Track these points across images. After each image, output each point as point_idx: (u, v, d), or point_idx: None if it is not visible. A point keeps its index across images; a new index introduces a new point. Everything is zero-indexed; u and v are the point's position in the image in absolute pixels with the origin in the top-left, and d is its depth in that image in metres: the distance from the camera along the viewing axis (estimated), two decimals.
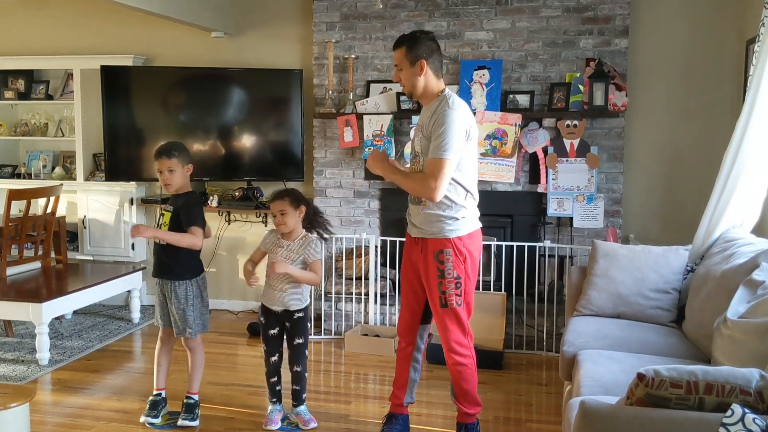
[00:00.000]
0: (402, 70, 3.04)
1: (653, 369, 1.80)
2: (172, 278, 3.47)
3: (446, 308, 3.04)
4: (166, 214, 3.50)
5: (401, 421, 3.36)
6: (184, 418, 3.50)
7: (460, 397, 3.18)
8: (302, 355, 3.50)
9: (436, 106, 2.98)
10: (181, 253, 3.44)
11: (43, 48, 6.02)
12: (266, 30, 5.64)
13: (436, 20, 5.09)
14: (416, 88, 3.04)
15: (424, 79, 3.02)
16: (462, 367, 3.11)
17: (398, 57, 3.04)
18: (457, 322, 3.07)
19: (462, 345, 3.09)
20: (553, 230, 5.01)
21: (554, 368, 4.35)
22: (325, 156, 5.34)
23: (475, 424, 3.25)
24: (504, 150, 4.87)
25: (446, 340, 3.09)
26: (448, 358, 3.12)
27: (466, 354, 3.11)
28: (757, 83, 3.43)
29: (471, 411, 3.20)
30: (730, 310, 2.65)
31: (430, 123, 2.95)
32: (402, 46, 3.03)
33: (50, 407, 3.76)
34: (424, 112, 3.07)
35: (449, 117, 2.89)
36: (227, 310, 5.77)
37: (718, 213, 3.66)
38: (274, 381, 3.55)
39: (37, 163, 6.10)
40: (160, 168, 3.44)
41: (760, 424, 1.66)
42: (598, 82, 4.71)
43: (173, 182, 3.45)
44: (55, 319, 5.04)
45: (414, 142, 3.15)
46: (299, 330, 3.49)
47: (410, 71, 3.01)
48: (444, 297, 3.03)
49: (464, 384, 3.14)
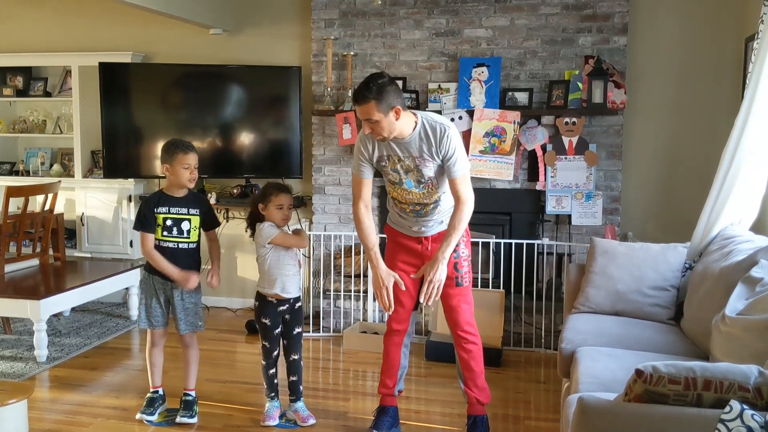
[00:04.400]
0: (377, 121, 2.93)
1: (651, 365, 1.79)
2: None
3: (460, 287, 3.17)
4: (194, 218, 3.43)
5: (391, 414, 3.38)
6: (183, 415, 3.50)
7: (469, 381, 3.24)
8: (300, 343, 3.56)
9: (433, 136, 3.01)
10: (198, 256, 3.49)
11: (41, 45, 6.02)
12: (265, 27, 5.64)
13: (434, 17, 5.08)
14: (394, 132, 2.99)
15: (401, 120, 2.98)
16: (474, 346, 3.23)
17: (367, 111, 2.92)
18: (469, 302, 3.22)
19: (472, 326, 3.23)
20: (551, 228, 5.01)
21: (552, 365, 4.35)
22: (324, 153, 5.34)
23: (485, 417, 3.27)
24: (503, 147, 4.86)
25: (458, 322, 3.20)
26: (460, 339, 3.21)
27: (476, 334, 3.25)
28: (756, 80, 3.43)
29: (482, 399, 3.26)
30: (729, 307, 2.65)
31: (440, 150, 3.01)
32: (369, 101, 2.90)
33: (48, 404, 3.75)
34: (414, 143, 3.04)
35: (455, 139, 3.02)
36: (225, 307, 5.77)
37: (717, 210, 3.66)
38: (273, 373, 3.54)
39: (36, 160, 6.10)
40: (189, 162, 3.36)
41: (759, 420, 1.66)
42: (596, 79, 4.70)
43: (197, 177, 3.44)
44: (53, 316, 5.03)
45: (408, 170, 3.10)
46: (299, 319, 3.55)
47: (387, 120, 2.93)
48: (459, 276, 3.18)
49: (474, 365, 3.22)
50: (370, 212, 3.23)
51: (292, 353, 3.53)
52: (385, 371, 3.38)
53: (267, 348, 3.52)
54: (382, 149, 3.11)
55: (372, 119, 2.93)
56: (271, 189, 3.42)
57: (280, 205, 3.38)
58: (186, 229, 3.43)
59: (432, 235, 3.23)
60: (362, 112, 2.94)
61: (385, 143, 3.08)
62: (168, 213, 3.41)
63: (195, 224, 3.45)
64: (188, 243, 3.45)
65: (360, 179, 3.19)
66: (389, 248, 3.36)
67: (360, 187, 3.19)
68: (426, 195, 3.14)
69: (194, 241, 3.47)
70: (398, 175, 3.13)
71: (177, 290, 3.45)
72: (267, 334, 3.50)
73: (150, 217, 3.39)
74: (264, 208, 3.40)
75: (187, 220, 3.43)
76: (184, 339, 3.53)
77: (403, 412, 3.59)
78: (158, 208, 3.41)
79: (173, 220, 3.41)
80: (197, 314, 3.50)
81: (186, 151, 3.37)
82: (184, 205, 3.43)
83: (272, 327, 3.48)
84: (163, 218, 3.40)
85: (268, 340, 3.51)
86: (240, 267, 5.81)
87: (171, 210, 3.42)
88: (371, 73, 3.00)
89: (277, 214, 3.39)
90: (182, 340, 3.53)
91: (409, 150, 3.06)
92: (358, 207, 3.19)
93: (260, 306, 3.51)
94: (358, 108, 2.95)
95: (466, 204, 3.04)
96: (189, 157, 3.37)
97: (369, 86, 2.90)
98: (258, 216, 3.43)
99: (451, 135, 3.00)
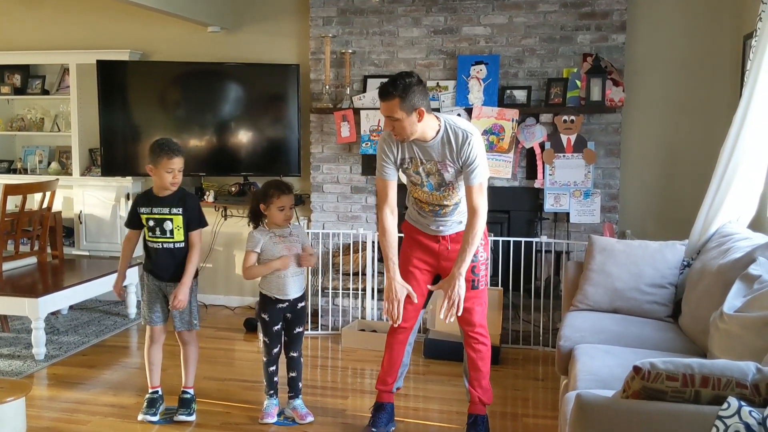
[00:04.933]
0: (398, 120, 2.89)
1: (649, 362, 1.79)
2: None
3: (476, 290, 3.17)
4: (177, 218, 3.38)
5: (388, 410, 3.38)
6: (181, 413, 3.49)
7: (474, 380, 3.25)
8: (300, 342, 3.57)
9: (455, 141, 2.98)
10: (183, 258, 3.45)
11: (39, 43, 6.01)
12: (263, 25, 5.63)
13: (433, 15, 5.08)
14: (415, 133, 2.96)
15: (423, 123, 2.95)
16: (483, 346, 3.24)
17: (390, 108, 2.88)
18: (483, 304, 3.23)
19: (484, 327, 3.25)
20: (549, 226, 5.01)
21: (550, 363, 4.36)
22: (322, 151, 5.33)
23: (485, 417, 3.28)
24: (501, 145, 4.86)
25: (471, 323, 3.19)
26: (470, 339, 3.22)
27: (487, 335, 3.27)
28: (754, 78, 3.43)
29: (485, 399, 3.27)
30: (727, 304, 2.65)
31: (461, 156, 2.98)
32: (393, 98, 2.86)
33: (46, 402, 3.75)
34: (436, 148, 3.01)
35: (477, 146, 2.98)
36: (224, 305, 5.77)
37: (715, 208, 3.66)
38: (273, 370, 3.55)
39: (33, 158, 6.09)
40: (173, 167, 3.32)
41: (757, 416, 1.66)
42: (595, 77, 4.70)
43: (180, 181, 3.39)
44: (51, 314, 5.03)
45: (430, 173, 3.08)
46: (301, 319, 3.57)
47: (408, 120, 2.89)
48: (476, 279, 3.18)
49: (482, 365, 3.24)
50: (395, 219, 3.15)
51: (292, 351, 3.55)
52: (386, 368, 3.35)
53: (267, 344, 3.52)
54: (405, 151, 3.08)
55: (394, 116, 2.89)
56: (272, 190, 3.38)
57: (281, 206, 3.38)
58: (168, 229, 3.40)
59: (450, 235, 3.21)
60: (385, 108, 2.91)
61: (408, 145, 3.05)
62: (150, 213, 3.40)
63: (178, 224, 3.39)
64: (173, 243, 3.41)
65: (385, 181, 3.12)
66: (406, 244, 3.32)
67: (385, 190, 3.12)
68: (446, 197, 3.12)
69: (179, 241, 3.43)
70: (420, 177, 3.11)
71: (170, 287, 3.46)
72: (267, 330, 3.51)
73: (133, 215, 3.45)
74: (266, 208, 3.39)
75: (169, 219, 3.40)
76: (182, 336, 3.53)
77: (401, 409, 3.59)
78: (141, 208, 3.42)
79: (155, 221, 3.40)
80: (192, 313, 3.49)
81: (171, 155, 3.31)
82: (166, 204, 3.40)
83: (271, 323, 3.49)
84: (146, 218, 3.40)
85: (268, 336, 3.51)
86: (238, 265, 5.81)
87: (153, 210, 3.40)
88: (401, 71, 2.95)
89: (278, 215, 3.39)
90: (180, 337, 3.53)
91: (431, 154, 3.03)
92: (384, 212, 3.13)
93: (261, 302, 3.53)
94: (382, 104, 2.91)
95: (481, 216, 3.00)
96: (173, 162, 3.33)
97: (396, 83, 2.87)
98: (259, 213, 3.43)
99: (473, 142, 2.96)
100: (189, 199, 3.47)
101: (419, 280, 3.23)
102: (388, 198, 3.12)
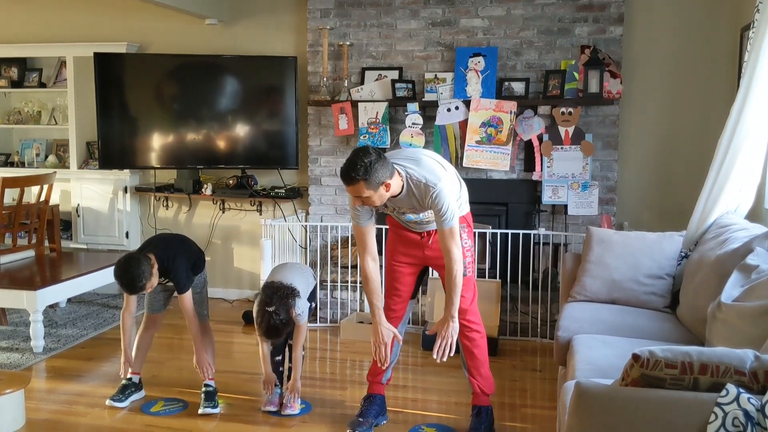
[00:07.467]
0: (368, 197, 2.85)
1: (648, 350, 1.80)
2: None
3: (464, 276, 3.14)
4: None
5: (379, 402, 3.39)
6: (206, 406, 3.51)
7: (473, 369, 3.26)
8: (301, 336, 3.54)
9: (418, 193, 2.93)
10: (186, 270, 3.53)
11: (36, 36, 5.99)
12: (260, 17, 5.62)
13: (431, 7, 5.07)
14: (385, 199, 2.93)
15: (392, 188, 2.91)
16: (476, 334, 3.24)
17: (356, 190, 2.83)
18: (472, 290, 3.23)
19: (475, 314, 3.25)
20: (547, 218, 5.02)
21: (548, 354, 4.37)
22: (320, 144, 5.33)
23: (489, 408, 3.29)
24: (499, 138, 4.87)
25: (461, 310, 3.15)
26: (462, 327, 3.17)
27: (479, 323, 3.26)
28: (751, 70, 3.43)
29: (486, 388, 3.27)
30: (724, 294, 2.66)
31: (428, 205, 2.95)
32: (358, 182, 2.80)
33: (45, 394, 3.75)
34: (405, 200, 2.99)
35: (442, 195, 2.91)
36: (222, 298, 5.76)
37: (713, 199, 3.67)
38: (279, 360, 3.57)
39: (30, 151, 6.08)
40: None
41: (755, 403, 1.67)
42: (593, 69, 4.70)
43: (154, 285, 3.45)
44: (49, 307, 5.02)
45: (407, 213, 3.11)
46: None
47: (377, 194, 2.86)
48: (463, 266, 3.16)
49: (478, 353, 3.24)
50: (377, 265, 3.14)
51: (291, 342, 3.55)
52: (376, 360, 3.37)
53: None
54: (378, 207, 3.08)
55: (362, 196, 2.86)
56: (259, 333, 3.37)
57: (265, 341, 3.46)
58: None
59: (433, 230, 3.21)
60: (351, 190, 2.86)
61: None
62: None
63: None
64: None
65: (361, 228, 3.08)
66: (390, 238, 3.36)
67: (363, 237, 3.10)
68: (426, 220, 3.14)
69: None
70: (398, 215, 3.16)
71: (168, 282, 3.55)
72: None
73: None
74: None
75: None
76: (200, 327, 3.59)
77: (399, 400, 3.61)
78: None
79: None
80: (201, 303, 3.58)
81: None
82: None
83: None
84: None
85: None
86: (236, 258, 5.81)
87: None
88: (355, 150, 2.86)
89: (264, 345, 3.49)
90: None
91: (403, 203, 3.03)
92: (365, 261, 3.11)
93: None
94: (347, 187, 2.86)
95: (457, 262, 2.98)
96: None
97: (357, 167, 2.78)
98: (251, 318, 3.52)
99: (437, 191, 2.90)
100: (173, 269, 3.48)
101: (404, 273, 3.29)
102: (367, 246, 3.11)
